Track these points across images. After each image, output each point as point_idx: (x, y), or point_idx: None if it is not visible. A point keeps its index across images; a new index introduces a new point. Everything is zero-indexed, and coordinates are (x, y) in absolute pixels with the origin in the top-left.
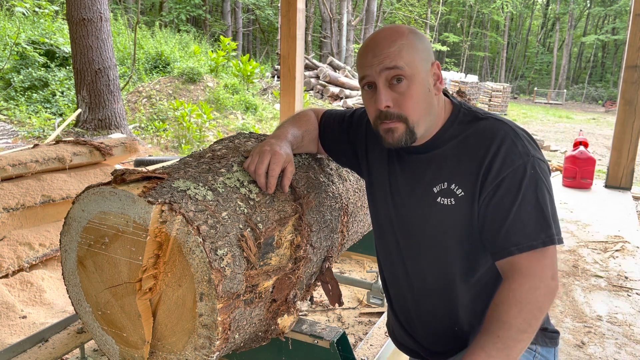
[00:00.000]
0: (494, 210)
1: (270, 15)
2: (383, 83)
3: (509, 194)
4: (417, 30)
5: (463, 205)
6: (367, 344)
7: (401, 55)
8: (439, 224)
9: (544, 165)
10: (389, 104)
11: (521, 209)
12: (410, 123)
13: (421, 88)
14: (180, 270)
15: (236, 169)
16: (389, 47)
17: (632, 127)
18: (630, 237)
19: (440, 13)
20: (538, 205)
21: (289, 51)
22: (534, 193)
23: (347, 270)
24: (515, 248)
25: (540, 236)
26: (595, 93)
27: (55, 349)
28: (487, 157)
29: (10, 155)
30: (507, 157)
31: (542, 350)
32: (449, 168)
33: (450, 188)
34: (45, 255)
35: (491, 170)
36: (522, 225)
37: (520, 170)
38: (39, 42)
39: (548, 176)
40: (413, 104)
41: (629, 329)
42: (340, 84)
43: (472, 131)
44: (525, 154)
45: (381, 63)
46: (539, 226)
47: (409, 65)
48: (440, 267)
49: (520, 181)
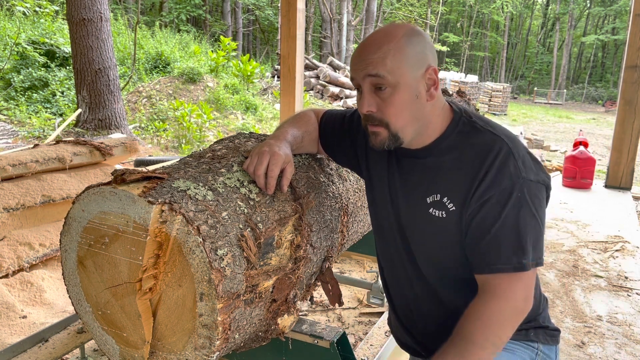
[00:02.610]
0: (475, 228)
1: (270, 15)
2: (367, 88)
3: (491, 214)
4: (414, 32)
5: (454, 219)
6: (367, 344)
7: (384, 62)
8: (432, 232)
9: (536, 187)
10: (371, 109)
11: (499, 231)
12: (392, 129)
13: (406, 96)
14: (180, 270)
15: (236, 169)
16: (374, 53)
17: (632, 127)
18: (630, 237)
19: (440, 13)
20: (516, 229)
21: (289, 51)
22: (515, 217)
23: (347, 270)
24: (487, 268)
25: (512, 260)
26: (595, 93)
27: (55, 349)
28: (479, 175)
29: (11, 155)
30: (496, 178)
31: (544, 348)
32: (443, 181)
33: (442, 201)
34: (45, 255)
35: (479, 188)
36: (497, 247)
37: (507, 192)
38: (39, 42)
39: (538, 199)
40: (395, 111)
41: (629, 329)
42: (340, 84)
43: (469, 145)
44: (515, 176)
45: (364, 69)
46: (512, 251)
47: (392, 73)
48: (437, 269)
49: (505, 203)
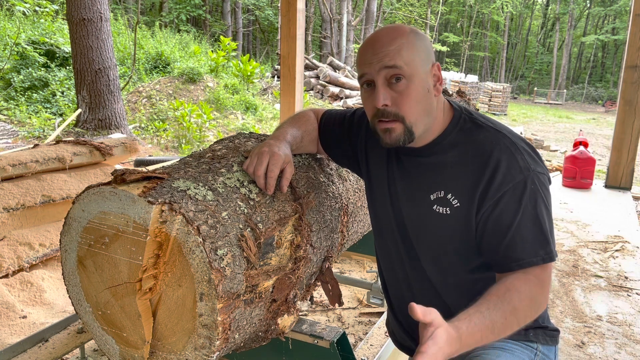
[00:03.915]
0: (493, 226)
1: (270, 15)
2: (382, 81)
3: (509, 209)
4: (418, 31)
5: (458, 216)
6: (367, 344)
7: (401, 54)
8: (435, 230)
9: (544, 178)
10: (387, 102)
11: (521, 225)
12: (407, 123)
13: (420, 88)
14: (180, 270)
15: (236, 169)
16: (389, 46)
17: (632, 127)
18: (630, 237)
19: (440, 13)
20: (537, 221)
21: (289, 51)
22: (533, 209)
23: (347, 270)
24: (515, 264)
25: (540, 253)
26: (595, 93)
27: (55, 349)
28: (487, 171)
29: (11, 155)
30: (508, 173)
31: (543, 348)
32: (446, 177)
33: (446, 197)
34: (45, 255)
35: (492, 185)
36: (522, 242)
37: (521, 185)
38: (39, 42)
39: (548, 191)
40: (411, 103)
41: (629, 329)
42: (340, 84)
43: (472, 142)
44: (525, 169)
45: (380, 61)
46: (538, 243)
47: (408, 65)
48: (438, 269)
49: (521, 197)
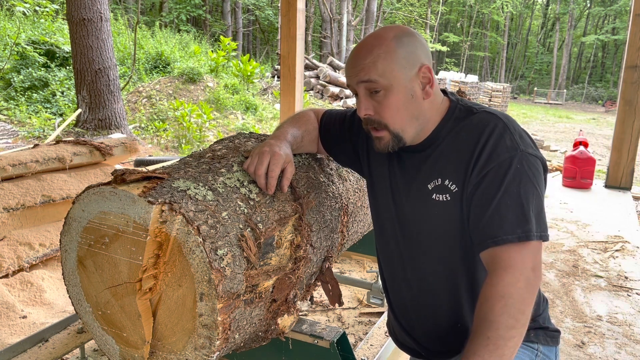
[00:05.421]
0: (476, 203)
1: (270, 15)
2: (363, 92)
3: (491, 186)
4: (405, 33)
5: (457, 200)
6: (367, 344)
7: (376, 66)
8: (437, 221)
9: (535, 161)
10: (369, 112)
11: (501, 202)
12: (392, 130)
13: (401, 96)
14: (180, 270)
15: (236, 169)
16: (364, 59)
17: (632, 127)
18: (630, 237)
19: (440, 13)
20: (519, 200)
21: (289, 51)
22: (516, 188)
23: (347, 270)
24: (491, 241)
25: (517, 231)
26: (595, 93)
27: (55, 349)
28: (476, 150)
29: (11, 155)
30: (494, 151)
31: (544, 349)
32: (442, 164)
33: (444, 184)
34: (45, 255)
35: (478, 162)
36: (500, 219)
37: (506, 164)
38: (39, 42)
39: (538, 172)
40: (391, 112)
41: (629, 329)
42: (340, 84)
43: (464, 125)
44: (512, 148)
45: (356, 75)
46: (515, 221)
47: (383, 76)
48: (442, 264)
49: (504, 175)
